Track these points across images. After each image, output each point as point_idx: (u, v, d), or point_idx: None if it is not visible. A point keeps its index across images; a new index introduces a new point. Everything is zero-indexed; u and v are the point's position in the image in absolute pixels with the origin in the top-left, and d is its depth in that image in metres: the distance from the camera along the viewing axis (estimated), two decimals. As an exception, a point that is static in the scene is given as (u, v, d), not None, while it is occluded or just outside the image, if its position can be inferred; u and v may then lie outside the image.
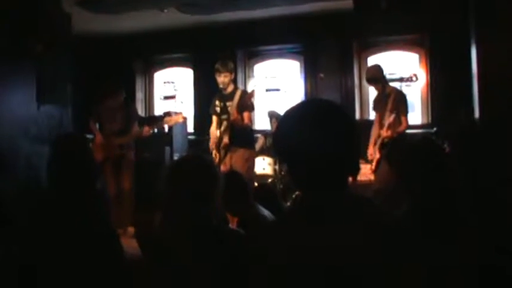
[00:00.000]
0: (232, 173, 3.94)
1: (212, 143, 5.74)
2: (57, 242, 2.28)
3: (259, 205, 3.45)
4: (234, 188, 3.23)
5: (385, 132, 5.53)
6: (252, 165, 5.80)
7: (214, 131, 5.76)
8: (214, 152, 5.67)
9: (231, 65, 5.73)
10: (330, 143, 1.37)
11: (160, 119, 6.98)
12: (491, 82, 4.61)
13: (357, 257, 1.27)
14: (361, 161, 5.83)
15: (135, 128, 6.23)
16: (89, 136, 6.27)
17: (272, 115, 7.30)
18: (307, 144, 1.37)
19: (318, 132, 1.37)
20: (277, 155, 1.37)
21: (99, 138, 6.10)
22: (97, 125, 6.23)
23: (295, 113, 1.46)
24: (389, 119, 5.51)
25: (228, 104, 5.64)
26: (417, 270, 1.27)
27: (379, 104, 5.85)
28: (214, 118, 5.81)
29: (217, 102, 5.76)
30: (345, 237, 1.30)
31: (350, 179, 1.44)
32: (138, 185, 6.23)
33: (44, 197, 2.58)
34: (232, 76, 5.74)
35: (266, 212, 3.40)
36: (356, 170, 1.44)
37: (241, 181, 3.47)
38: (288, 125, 1.45)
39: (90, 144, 6.06)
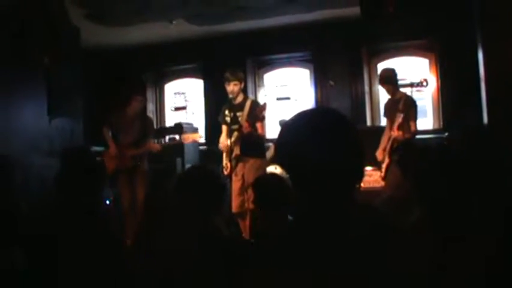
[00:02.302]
0: (272, 177, 3.63)
1: (223, 151, 5.73)
2: (62, 250, 2.29)
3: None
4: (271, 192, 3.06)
5: (395, 132, 5.44)
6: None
7: (224, 141, 5.75)
8: (225, 162, 5.66)
9: (240, 74, 5.70)
10: (333, 151, 1.36)
11: (172, 130, 6.98)
12: (498, 85, 4.57)
13: (361, 265, 1.25)
14: (372, 167, 5.86)
15: (150, 142, 6.17)
16: (101, 148, 6.28)
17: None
18: (308, 152, 1.36)
19: (321, 140, 1.36)
20: (279, 163, 1.36)
21: (113, 149, 6.00)
22: (110, 133, 6.10)
23: (297, 121, 1.45)
24: (398, 119, 5.45)
25: (238, 114, 5.63)
26: (421, 278, 1.25)
27: (389, 110, 5.81)
28: (224, 127, 5.80)
29: (226, 112, 5.74)
30: (350, 245, 1.29)
31: (356, 186, 1.43)
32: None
33: (50, 208, 2.60)
34: (242, 85, 5.70)
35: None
36: (359, 178, 1.43)
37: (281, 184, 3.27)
38: (290, 133, 1.44)
39: (102, 155, 6.06)
